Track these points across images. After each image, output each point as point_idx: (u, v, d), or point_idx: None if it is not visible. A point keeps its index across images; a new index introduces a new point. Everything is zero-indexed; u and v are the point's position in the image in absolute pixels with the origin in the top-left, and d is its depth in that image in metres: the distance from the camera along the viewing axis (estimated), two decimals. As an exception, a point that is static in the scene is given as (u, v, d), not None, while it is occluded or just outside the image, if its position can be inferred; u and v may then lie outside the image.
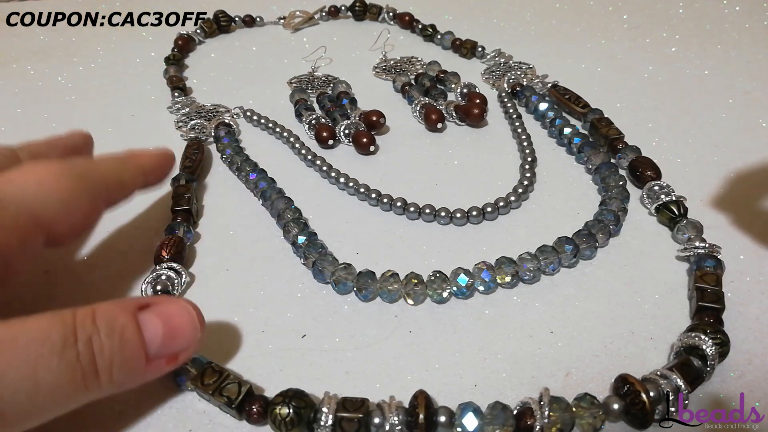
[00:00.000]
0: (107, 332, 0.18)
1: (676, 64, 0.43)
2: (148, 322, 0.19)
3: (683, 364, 0.21)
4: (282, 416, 0.20)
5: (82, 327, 0.18)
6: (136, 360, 0.19)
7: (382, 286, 0.26)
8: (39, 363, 0.16)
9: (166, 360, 0.20)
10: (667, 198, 0.29)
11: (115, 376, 0.18)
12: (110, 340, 0.18)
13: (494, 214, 0.30)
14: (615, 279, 0.27)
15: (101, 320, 0.18)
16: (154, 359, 0.19)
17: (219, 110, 0.39)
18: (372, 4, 0.52)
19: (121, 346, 0.18)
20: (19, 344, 0.16)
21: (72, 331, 0.17)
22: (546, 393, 0.20)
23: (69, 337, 0.17)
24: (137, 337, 0.19)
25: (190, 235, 0.29)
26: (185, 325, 0.20)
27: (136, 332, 0.19)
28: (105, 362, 0.18)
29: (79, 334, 0.17)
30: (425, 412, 0.20)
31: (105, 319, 0.18)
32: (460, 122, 0.38)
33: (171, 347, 0.20)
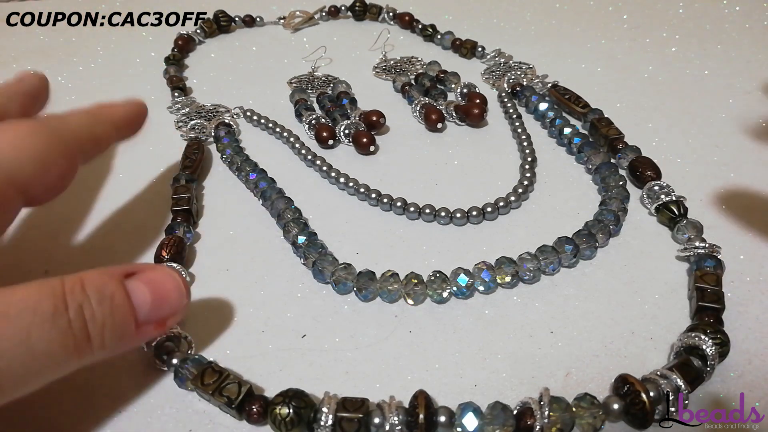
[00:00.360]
0: (98, 299, 0.18)
1: (676, 64, 0.43)
2: (136, 288, 0.20)
3: (683, 364, 0.21)
4: (282, 416, 0.20)
5: (71, 295, 0.18)
6: (127, 325, 0.19)
7: (382, 286, 0.26)
8: (32, 331, 0.17)
9: (155, 325, 0.20)
10: (667, 198, 0.29)
11: (107, 341, 0.18)
12: (101, 306, 0.18)
13: (494, 214, 0.30)
14: (615, 279, 0.27)
15: (90, 288, 0.18)
16: (143, 324, 0.20)
17: (219, 110, 0.39)
18: (372, 4, 0.52)
19: (111, 312, 0.18)
20: (10, 314, 0.17)
21: (62, 298, 0.18)
22: (546, 393, 0.20)
23: (59, 305, 0.17)
24: (127, 303, 0.19)
25: (190, 235, 0.29)
26: (172, 291, 0.20)
27: (125, 298, 0.19)
28: (97, 328, 0.18)
29: (69, 301, 0.18)
30: (425, 412, 0.20)
31: (94, 286, 0.18)
32: (460, 122, 0.38)
33: (159, 312, 0.20)
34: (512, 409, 0.20)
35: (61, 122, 0.23)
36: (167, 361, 0.23)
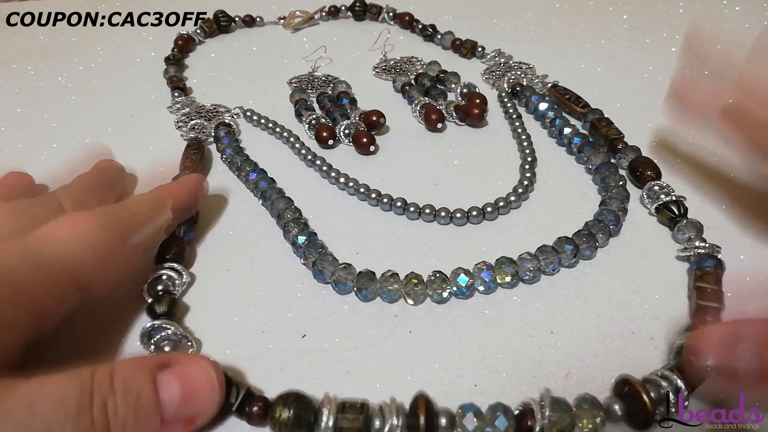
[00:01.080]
0: (123, 395, 0.18)
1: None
2: (166, 383, 0.19)
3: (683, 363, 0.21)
4: (282, 420, 0.20)
5: (98, 389, 0.18)
6: (151, 424, 0.19)
7: (382, 286, 0.26)
8: (54, 427, 0.16)
9: (183, 423, 0.20)
10: (667, 198, 0.29)
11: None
12: (125, 403, 0.18)
13: (494, 214, 0.30)
14: (615, 279, 0.27)
15: (118, 382, 0.18)
16: (170, 422, 0.19)
17: (219, 110, 0.39)
18: (372, 4, 0.52)
19: (135, 409, 0.18)
20: (36, 408, 0.16)
21: (89, 393, 0.17)
22: (547, 394, 0.20)
23: (85, 401, 0.17)
24: (153, 401, 0.19)
25: (191, 235, 0.29)
26: (204, 387, 0.20)
27: (152, 395, 0.19)
28: (118, 426, 0.18)
29: (95, 397, 0.17)
30: (426, 414, 0.20)
31: (122, 380, 0.18)
32: (460, 122, 0.38)
33: (188, 410, 0.19)
34: (513, 410, 0.20)
35: (128, 215, 0.24)
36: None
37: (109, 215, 0.23)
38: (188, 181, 0.29)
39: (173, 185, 0.28)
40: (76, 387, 0.17)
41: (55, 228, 0.21)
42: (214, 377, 0.20)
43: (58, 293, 0.20)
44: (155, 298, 0.25)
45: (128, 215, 0.24)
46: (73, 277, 0.21)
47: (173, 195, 0.27)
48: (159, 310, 0.24)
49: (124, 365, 0.19)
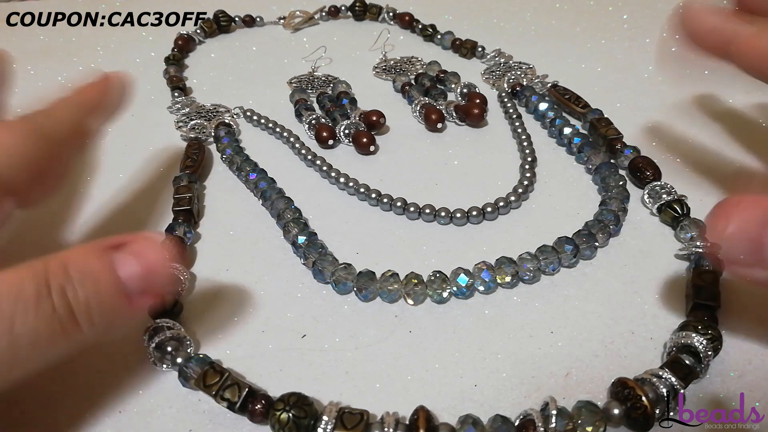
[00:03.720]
0: (80, 279, 0.18)
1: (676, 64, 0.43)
2: (123, 261, 0.19)
3: (674, 361, 0.21)
4: (281, 423, 0.20)
5: (54, 277, 0.17)
6: (116, 301, 0.19)
7: (382, 286, 0.26)
8: (15, 318, 0.16)
9: (149, 296, 0.20)
10: (669, 197, 0.29)
11: (96, 320, 0.18)
12: (84, 286, 0.18)
13: (494, 214, 0.30)
14: (615, 279, 0.27)
15: (74, 268, 0.18)
16: (136, 297, 0.19)
17: (219, 110, 0.39)
18: (372, 4, 0.52)
19: (96, 290, 0.18)
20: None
21: (45, 282, 0.17)
22: (552, 402, 0.20)
23: (42, 289, 0.17)
24: (112, 279, 0.18)
25: (191, 235, 0.29)
26: (160, 262, 0.20)
27: (110, 274, 0.18)
28: (82, 309, 0.18)
29: (52, 284, 0.17)
30: (426, 428, 0.20)
31: (77, 266, 0.18)
32: (460, 122, 0.38)
33: (149, 285, 0.19)
34: (513, 421, 0.20)
35: (46, 118, 0.23)
36: (172, 359, 0.23)
37: (26, 120, 0.22)
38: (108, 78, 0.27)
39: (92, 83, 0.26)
40: (30, 276, 0.17)
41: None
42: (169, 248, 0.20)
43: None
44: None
45: (46, 117, 0.23)
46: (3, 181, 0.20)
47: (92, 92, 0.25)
48: (160, 311, 0.24)
49: (76, 252, 0.19)
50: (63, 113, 0.24)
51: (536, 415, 0.20)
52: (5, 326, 0.16)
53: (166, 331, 0.23)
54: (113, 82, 0.27)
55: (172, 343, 0.23)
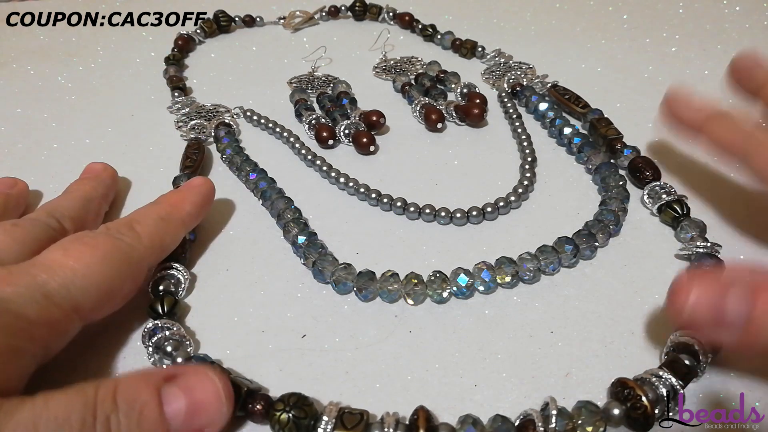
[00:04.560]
0: (126, 410, 0.18)
1: (676, 64, 0.43)
2: (171, 396, 0.19)
3: (673, 361, 0.21)
4: (281, 423, 0.20)
5: (101, 406, 0.18)
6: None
7: (382, 286, 0.26)
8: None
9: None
10: (669, 197, 0.29)
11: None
12: (128, 418, 0.18)
13: (494, 214, 0.30)
14: (615, 279, 0.27)
15: (122, 398, 0.18)
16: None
17: (219, 110, 0.39)
18: (372, 4, 0.52)
19: (139, 424, 0.18)
20: (39, 428, 0.16)
21: (92, 411, 0.17)
22: (552, 402, 0.20)
23: (88, 418, 0.17)
24: (157, 415, 0.18)
25: (192, 235, 0.29)
26: (210, 400, 0.19)
27: (156, 409, 0.18)
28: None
29: (98, 414, 0.17)
30: (426, 428, 0.20)
31: (125, 396, 0.18)
32: (460, 122, 0.38)
33: (195, 422, 0.19)
34: (513, 421, 0.20)
35: (135, 240, 0.23)
36: (172, 359, 0.23)
37: (115, 241, 0.23)
38: (193, 188, 0.28)
39: (179, 196, 0.27)
40: (79, 404, 0.17)
41: (61, 257, 0.21)
42: (221, 388, 0.20)
43: (64, 323, 0.20)
44: (157, 298, 0.25)
45: (134, 239, 0.24)
46: (77, 307, 0.21)
47: (181, 208, 0.26)
48: (161, 310, 0.24)
49: (128, 380, 0.19)
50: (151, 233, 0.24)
51: (536, 415, 0.20)
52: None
53: (166, 331, 0.23)
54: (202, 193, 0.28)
55: (171, 343, 0.23)
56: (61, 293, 0.20)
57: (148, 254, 0.24)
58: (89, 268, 0.21)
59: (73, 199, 0.28)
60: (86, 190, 0.29)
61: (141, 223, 0.24)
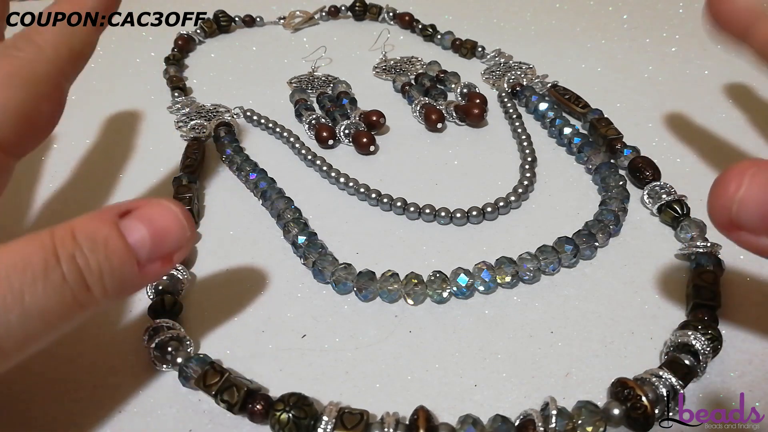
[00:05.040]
0: (90, 246, 0.17)
1: (676, 64, 0.43)
2: (132, 227, 0.18)
3: (673, 361, 0.21)
4: (281, 424, 0.20)
5: (62, 246, 0.17)
6: (127, 267, 0.18)
7: (382, 286, 0.26)
8: (24, 291, 0.16)
9: (161, 262, 0.19)
10: (669, 197, 0.29)
11: (109, 287, 0.18)
12: (94, 253, 0.17)
13: (494, 214, 0.30)
14: (615, 279, 0.27)
15: (81, 235, 0.17)
16: (147, 263, 0.19)
17: (219, 110, 0.39)
18: (372, 4, 0.52)
19: (107, 256, 0.18)
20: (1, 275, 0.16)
21: (52, 252, 0.17)
22: (552, 402, 0.20)
23: (50, 259, 0.17)
24: (122, 245, 0.18)
25: (190, 235, 0.29)
26: (172, 225, 0.19)
27: (120, 240, 0.18)
28: (94, 276, 0.17)
29: (60, 253, 0.17)
30: (426, 428, 0.20)
31: (85, 233, 0.17)
32: (460, 122, 0.38)
33: (162, 249, 0.19)
34: (513, 420, 0.20)
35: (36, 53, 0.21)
36: (172, 359, 0.23)
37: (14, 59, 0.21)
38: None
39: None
40: (37, 247, 0.17)
41: None
42: (179, 212, 0.19)
43: None
44: (157, 299, 0.25)
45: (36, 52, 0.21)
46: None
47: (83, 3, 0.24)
48: (160, 311, 0.24)
49: (83, 220, 0.18)
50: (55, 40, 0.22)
51: (536, 415, 0.20)
52: (15, 299, 0.16)
53: (166, 331, 0.23)
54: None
55: (172, 343, 0.23)
56: None
57: (56, 66, 0.22)
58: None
59: None
60: None
61: (40, 32, 0.22)
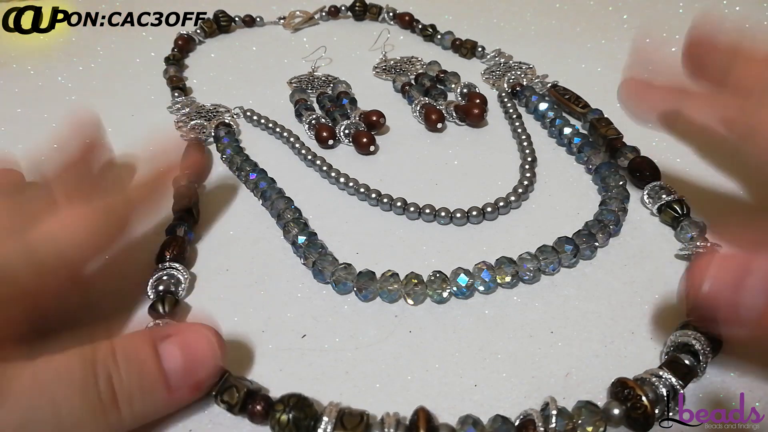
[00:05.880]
0: (126, 366, 0.19)
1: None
2: (168, 352, 0.20)
3: (673, 361, 0.21)
4: (281, 421, 0.20)
5: (102, 362, 0.18)
6: (157, 391, 0.19)
7: (382, 286, 0.26)
8: (62, 403, 0.17)
9: (189, 389, 0.20)
10: (669, 197, 0.29)
11: (136, 408, 0.19)
12: (129, 373, 0.18)
13: (494, 214, 0.30)
14: (615, 279, 0.27)
15: (121, 355, 0.19)
16: (176, 389, 0.20)
17: (219, 110, 0.39)
18: (372, 4, 0.52)
19: (140, 378, 0.19)
20: (43, 386, 0.17)
21: (92, 368, 0.18)
22: (552, 402, 0.20)
23: (89, 375, 0.18)
24: (156, 369, 0.19)
25: (191, 235, 0.29)
26: (205, 353, 0.20)
27: (155, 364, 0.19)
28: (125, 396, 0.18)
29: (99, 370, 0.18)
30: (426, 428, 0.20)
31: (124, 353, 0.19)
32: (460, 122, 0.38)
33: (192, 375, 0.20)
34: (513, 421, 0.20)
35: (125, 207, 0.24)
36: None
37: (108, 208, 0.23)
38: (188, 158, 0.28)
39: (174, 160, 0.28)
40: (80, 362, 0.18)
41: (55, 225, 0.21)
42: (214, 342, 0.21)
43: (60, 290, 0.21)
44: (158, 298, 0.25)
45: (127, 205, 0.24)
46: (70, 269, 0.21)
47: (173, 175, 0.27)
48: (161, 310, 0.24)
49: (125, 339, 0.19)
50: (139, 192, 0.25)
51: (536, 415, 0.20)
52: (52, 411, 0.17)
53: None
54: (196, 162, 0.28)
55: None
56: (55, 259, 0.20)
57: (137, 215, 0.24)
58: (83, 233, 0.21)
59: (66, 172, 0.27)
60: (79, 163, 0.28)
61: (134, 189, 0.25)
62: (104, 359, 0.18)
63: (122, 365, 0.18)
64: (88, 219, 0.22)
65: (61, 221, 0.21)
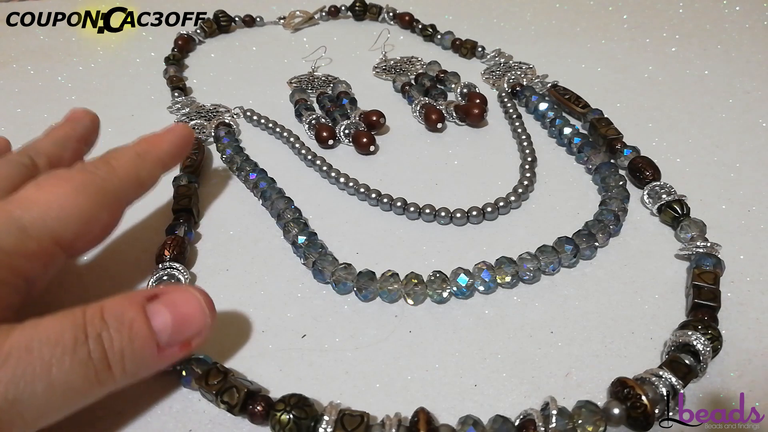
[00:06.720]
0: (116, 327, 0.19)
1: (676, 64, 0.43)
2: (157, 312, 0.20)
3: (673, 361, 0.21)
4: (282, 422, 0.20)
5: (91, 324, 0.18)
6: (147, 350, 0.19)
7: (382, 286, 0.26)
8: (53, 364, 0.17)
9: (179, 347, 0.20)
10: (669, 197, 0.29)
11: (128, 367, 0.19)
12: (119, 333, 0.19)
13: (494, 214, 0.30)
14: (615, 279, 0.27)
15: (109, 316, 0.19)
16: (166, 348, 0.20)
17: (219, 110, 0.39)
18: (372, 4, 0.52)
19: (130, 338, 0.19)
20: (33, 348, 0.17)
21: (82, 329, 0.18)
22: (552, 402, 0.20)
23: (80, 336, 0.18)
24: (146, 328, 0.19)
25: (191, 235, 0.29)
26: (194, 312, 0.20)
27: (144, 323, 0.19)
28: (116, 356, 0.18)
29: (89, 331, 0.18)
30: (426, 429, 0.20)
31: (113, 314, 0.19)
32: (460, 122, 0.38)
33: (182, 334, 0.20)
34: (513, 420, 0.20)
35: (108, 174, 0.23)
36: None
37: (89, 174, 0.23)
38: (173, 131, 0.28)
39: (157, 135, 0.27)
40: (70, 323, 0.18)
41: (35, 192, 0.21)
42: (202, 300, 0.21)
43: (42, 256, 0.20)
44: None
45: (109, 172, 0.23)
46: (55, 239, 0.21)
47: (158, 146, 0.26)
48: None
49: (112, 301, 0.19)
50: (125, 169, 0.24)
51: (536, 415, 0.20)
52: (43, 372, 0.17)
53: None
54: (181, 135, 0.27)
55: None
56: (37, 225, 0.20)
57: (123, 186, 0.24)
58: (63, 199, 0.21)
59: (50, 139, 0.27)
60: (64, 131, 0.28)
61: (116, 158, 0.24)
62: (93, 320, 0.18)
63: (112, 325, 0.18)
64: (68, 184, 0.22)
65: (41, 188, 0.21)
